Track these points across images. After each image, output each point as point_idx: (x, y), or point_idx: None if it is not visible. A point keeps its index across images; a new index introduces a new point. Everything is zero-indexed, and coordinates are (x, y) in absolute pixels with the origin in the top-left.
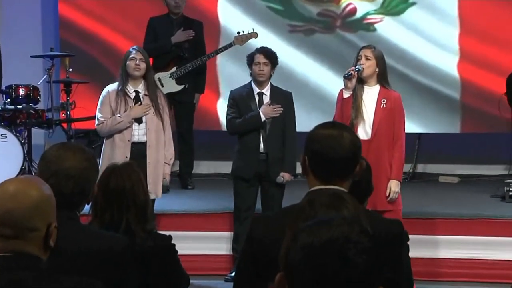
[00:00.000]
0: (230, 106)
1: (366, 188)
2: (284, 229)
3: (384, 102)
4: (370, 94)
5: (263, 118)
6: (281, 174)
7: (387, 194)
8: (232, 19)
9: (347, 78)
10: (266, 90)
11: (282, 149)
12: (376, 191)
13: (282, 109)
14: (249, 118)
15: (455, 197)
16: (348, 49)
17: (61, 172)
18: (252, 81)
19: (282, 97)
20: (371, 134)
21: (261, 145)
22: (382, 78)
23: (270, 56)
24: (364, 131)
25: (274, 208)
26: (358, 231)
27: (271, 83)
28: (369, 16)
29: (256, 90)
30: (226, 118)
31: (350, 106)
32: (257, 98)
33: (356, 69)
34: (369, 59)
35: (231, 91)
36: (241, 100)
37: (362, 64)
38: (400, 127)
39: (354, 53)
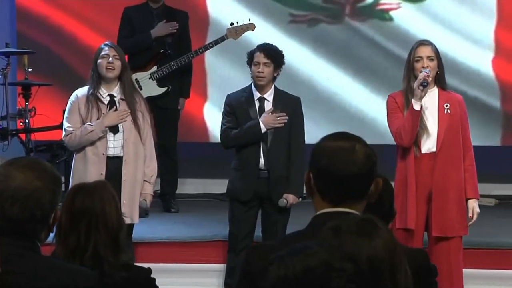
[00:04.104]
0: (225, 113)
1: (388, 212)
2: None
3: (448, 107)
4: (429, 100)
5: (263, 128)
6: (285, 195)
7: (470, 215)
8: (222, 7)
9: (425, 86)
10: (269, 95)
11: (288, 166)
12: (444, 214)
13: (287, 118)
14: (246, 129)
15: (491, 223)
16: (358, 42)
17: (5, 194)
18: (252, 84)
19: (287, 104)
20: (437, 146)
21: (261, 160)
22: (441, 79)
23: (273, 55)
24: (428, 144)
25: (277, 236)
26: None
27: (275, 86)
28: (382, 1)
29: (256, 95)
30: (221, 128)
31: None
32: (257, 104)
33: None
34: (432, 59)
35: (228, 96)
36: (238, 107)
37: (427, 66)
38: (468, 135)
39: (365, 46)
